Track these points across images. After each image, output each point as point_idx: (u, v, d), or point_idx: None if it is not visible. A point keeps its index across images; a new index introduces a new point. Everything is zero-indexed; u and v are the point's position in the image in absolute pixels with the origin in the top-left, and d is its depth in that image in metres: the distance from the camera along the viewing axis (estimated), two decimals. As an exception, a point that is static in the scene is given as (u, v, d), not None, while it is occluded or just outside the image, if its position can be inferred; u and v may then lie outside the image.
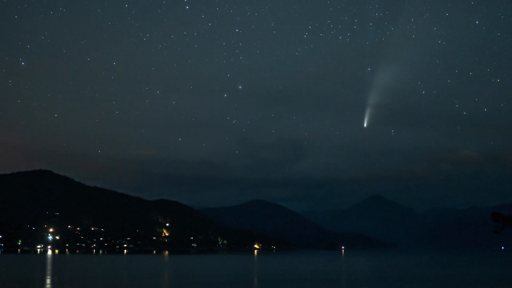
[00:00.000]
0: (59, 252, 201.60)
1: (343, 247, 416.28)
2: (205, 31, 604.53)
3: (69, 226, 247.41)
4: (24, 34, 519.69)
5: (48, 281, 54.92)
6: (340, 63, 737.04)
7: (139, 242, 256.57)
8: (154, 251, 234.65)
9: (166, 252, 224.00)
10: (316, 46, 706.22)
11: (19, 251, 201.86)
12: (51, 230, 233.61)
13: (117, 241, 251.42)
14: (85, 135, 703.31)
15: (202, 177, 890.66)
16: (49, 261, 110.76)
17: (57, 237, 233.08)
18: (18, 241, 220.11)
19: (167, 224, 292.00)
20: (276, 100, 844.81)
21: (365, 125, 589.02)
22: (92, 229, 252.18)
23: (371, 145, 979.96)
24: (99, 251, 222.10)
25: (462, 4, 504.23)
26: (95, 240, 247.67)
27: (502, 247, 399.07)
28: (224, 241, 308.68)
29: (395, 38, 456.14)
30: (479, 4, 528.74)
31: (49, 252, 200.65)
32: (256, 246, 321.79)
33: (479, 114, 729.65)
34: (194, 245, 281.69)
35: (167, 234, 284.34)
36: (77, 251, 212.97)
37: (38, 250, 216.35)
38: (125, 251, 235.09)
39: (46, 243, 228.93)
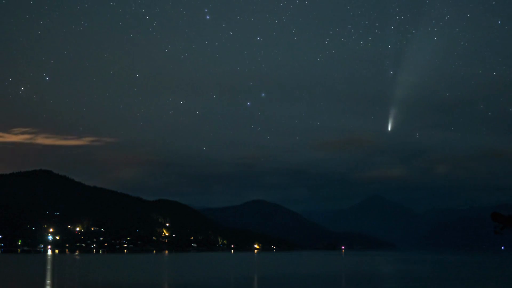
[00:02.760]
0: (59, 252, 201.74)
1: (343, 247, 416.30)
2: (227, 40, 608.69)
3: (69, 226, 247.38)
4: (48, 49, 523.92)
5: (48, 280, 54.93)
6: (362, 68, 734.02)
7: (139, 242, 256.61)
8: (154, 251, 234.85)
9: (166, 252, 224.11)
10: (338, 52, 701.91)
11: (19, 251, 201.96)
12: (51, 230, 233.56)
13: (117, 241, 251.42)
14: (111, 147, 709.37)
15: (223, 182, 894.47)
16: (49, 261, 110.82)
17: (57, 237, 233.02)
18: (18, 241, 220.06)
19: (167, 224, 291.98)
20: (299, 107, 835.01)
21: (389, 129, 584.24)
22: (92, 229, 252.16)
23: (396, 148, 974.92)
24: (99, 251, 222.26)
25: (483, 5, 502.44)
26: (95, 240, 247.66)
27: (502, 247, 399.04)
28: (224, 241, 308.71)
29: (417, 41, 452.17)
30: (500, 4, 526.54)
31: (49, 252, 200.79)
32: (256, 246, 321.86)
33: (504, 115, 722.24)
34: (194, 245, 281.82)
35: (167, 234, 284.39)
36: (77, 251, 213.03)
37: (38, 250, 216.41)
38: (125, 251, 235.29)
39: (46, 243, 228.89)
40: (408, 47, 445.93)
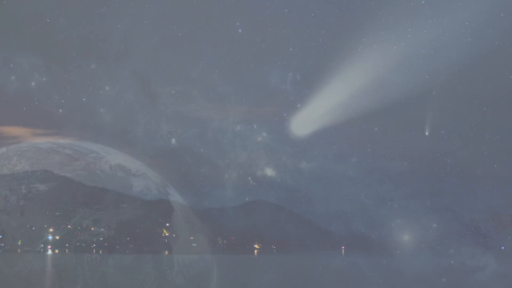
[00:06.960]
0: (59, 252, 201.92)
1: (343, 247, 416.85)
2: (260, 53, 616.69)
3: (69, 226, 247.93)
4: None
5: (48, 280, 54.91)
6: (397, 73, 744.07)
7: (139, 242, 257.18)
8: (154, 251, 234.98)
9: (166, 252, 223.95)
10: (371, 58, 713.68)
11: (19, 251, 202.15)
12: (51, 230, 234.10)
13: (117, 241, 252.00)
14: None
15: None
16: (49, 261, 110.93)
17: (57, 237, 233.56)
18: (18, 241, 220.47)
19: (167, 224, 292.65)
20: (337, 117, 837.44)
21: (426, 133, 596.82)
22: (92, 229, 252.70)
23: (435, 154, 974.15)
24: (99, 251, 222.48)
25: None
26: (95, 240, 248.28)
27: (502, 247, 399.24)
28: (224, 241, 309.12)
29: (450, 43, 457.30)
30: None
31: (49, 252, 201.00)
32: (256, 246, 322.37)
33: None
34: (194, 245, 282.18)
35: (167, 234, 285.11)
36: (77, 251, 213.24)
37: (38, 250, 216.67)
38: (126, 251, 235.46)
39: (46, 243, 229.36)
40: (442, 50, 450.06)
